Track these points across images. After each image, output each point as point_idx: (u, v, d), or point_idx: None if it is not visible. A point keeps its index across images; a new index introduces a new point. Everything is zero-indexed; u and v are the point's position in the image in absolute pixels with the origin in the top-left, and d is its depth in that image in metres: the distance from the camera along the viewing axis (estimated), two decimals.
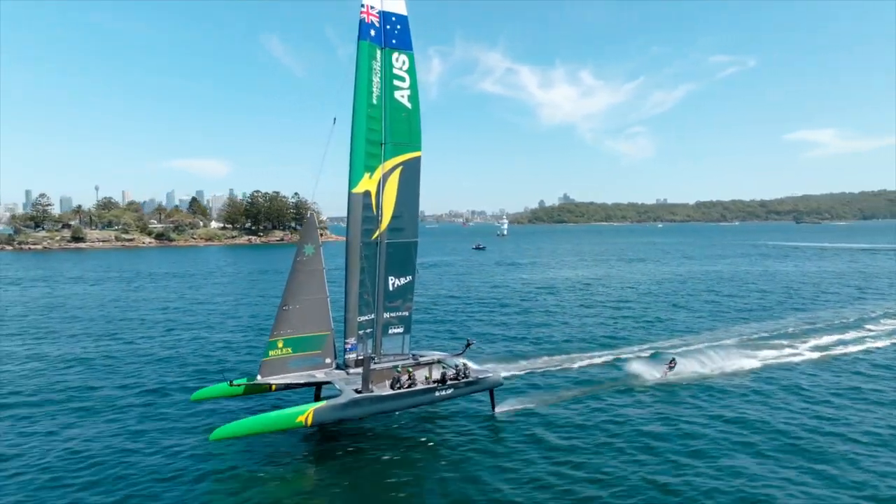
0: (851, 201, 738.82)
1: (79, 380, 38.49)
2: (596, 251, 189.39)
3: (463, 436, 29.05)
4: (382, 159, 30.19)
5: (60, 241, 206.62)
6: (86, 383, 37.65)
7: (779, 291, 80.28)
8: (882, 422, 30.09)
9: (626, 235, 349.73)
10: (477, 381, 30.48)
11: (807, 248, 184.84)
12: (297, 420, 26.06)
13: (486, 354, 43.00)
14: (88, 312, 67.02)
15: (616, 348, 46.21)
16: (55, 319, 62.23)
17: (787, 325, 55.20)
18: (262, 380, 28.38)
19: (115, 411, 32.31)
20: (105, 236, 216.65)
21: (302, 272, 28.99)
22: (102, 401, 34.02)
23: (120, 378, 38.88)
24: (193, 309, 69.41)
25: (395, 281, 31.28)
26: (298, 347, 29.12)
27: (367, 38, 29.35)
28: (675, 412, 31.69)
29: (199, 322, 60.38)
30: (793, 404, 32.83)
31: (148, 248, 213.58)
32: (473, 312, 65.17)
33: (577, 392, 34.87)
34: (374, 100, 29.63)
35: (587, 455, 26.86)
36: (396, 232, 30.93)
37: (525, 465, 26.08)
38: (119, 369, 41.19)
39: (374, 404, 27.71)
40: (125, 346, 48.91)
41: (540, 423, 30.45)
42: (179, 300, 77.29)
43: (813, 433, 28.75)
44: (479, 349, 43.59)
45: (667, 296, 77.99)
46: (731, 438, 28.33)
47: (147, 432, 29.10)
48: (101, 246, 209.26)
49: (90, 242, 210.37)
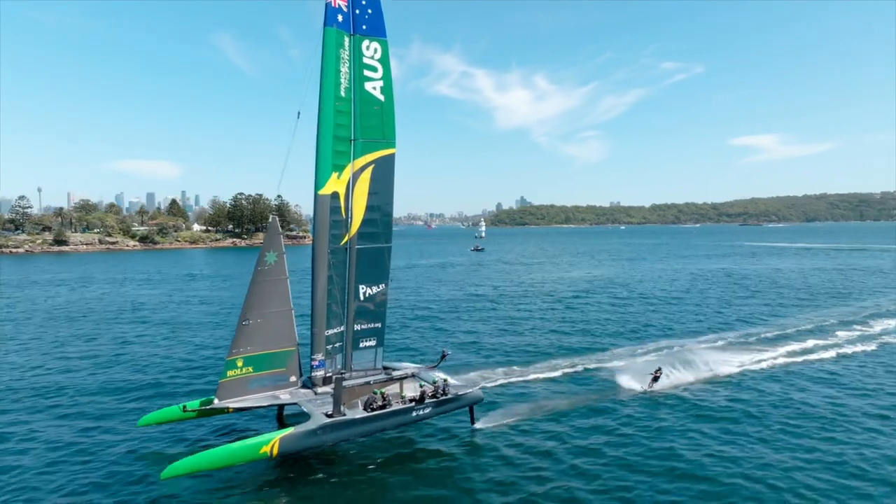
0: (795, 204, 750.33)
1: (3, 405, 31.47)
2: (580, 252, 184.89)
3: (440, 453, 25.06)
4: (352, 157, 25.81)
5: (42, 244, 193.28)
6: (11, 408, 30.93)
7: (768, 292, 77.63)
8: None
9: (596, 237, 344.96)
10: (457, 397, 26.28)
11: (789, 248, 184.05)
12: (262, 451, 21.69)
13: (465, 364, 38.89)
14: (27, 324, 57.73)
15: (601, 354, 42.23)
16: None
17: (775, 327, 51.77)
18: (220, 404, 23.77)
19: (42, 441, 26.28)
20: (88, 239, 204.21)
21: (263, 282, 24.46)
22: (26, 431, 27.51)
23: (52, 400, 32.25)
24: (151, 318, 60.51)
25: (366, 290, 26.85)
26: (260, 366, 24.57)
27: (334, 24, 24.91)
28: (660, 426, 27.96)
29: (155, 335, 51.65)
30: (774, 414, 29.35)
31: (132, 251, 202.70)
32: (459, 315, 60.86)
33: (560, 404, 30.80)
34: (342, 92, 25.21)
35: (570, 473, 23.36)
36: (368, 236, 26.54)
37: (506, 483, 22.57)
38: (53, 390, 34.07)
39: (347, 429, 23.37)
40: (63, 362, 41.32)
41: (521, 438, 26.61)
42: (138, 309, 67.44)
43: (799, 441, 25.31)
44: (456, 358, 39.28)
45: (664, 297, 74.41)
46: (717, 450, 24.85)
47: (86, 462, 24.05)
48: (84, 249, 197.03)
49: (73, 246, 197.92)
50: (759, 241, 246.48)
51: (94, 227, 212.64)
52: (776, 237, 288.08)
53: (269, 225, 25.14)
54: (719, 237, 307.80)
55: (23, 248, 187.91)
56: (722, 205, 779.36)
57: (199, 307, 68.43)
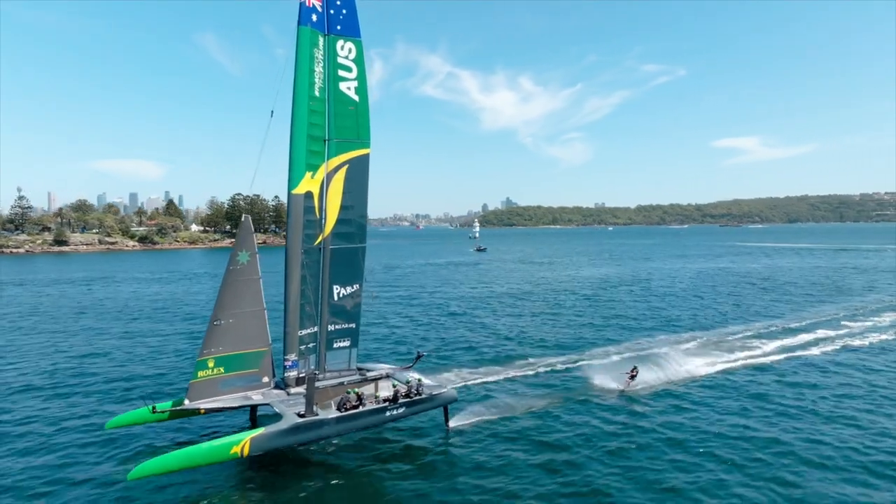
0: (778, 206, 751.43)
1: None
2: (579, 252, 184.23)
3: (414, 453, 24.22)
4: (326, 157, 24.98)
5: (42, 244, 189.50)
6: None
7: (777, 290, 77.18)
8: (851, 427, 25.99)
9: (587, 238, 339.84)
10: (431, 397, 25.46)
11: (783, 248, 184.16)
12: (232, 452, 20.76)
13: (440, 363, 37.94)
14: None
15: (578, 353, 41.31)
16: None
17: (753, 326, 50.89)
18: (191, 404, 22.89)
19: (6, 443, 25.20)
20: (88, 239, 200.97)
21: (235, 282, 23.59)
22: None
23: (18, 401, 30.82)
24: (124, 317, 58.46)
25: (340, 290, 26.00)
26: (232, 366, 23.68)
27: (308, 24, 24.08)
28: (636, 425, 27.20)
29: (127, 333, 49.70)
30: (753, 411, 28.73)
31: (132, 251, 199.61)
32: (456, 315, 60.03)
33: (535, 404, 29.96)
34: (315, 91, 24.38)
35: (545, 472, 22.54)
36: (342, 237, 25.70)
37: (480, 483, 21.72)
38: (19, 392, 32.68)
39: (318, 429, 22.48)
40: (30, 364, 39.47)
41: (495, 438, 25.80)
42: (114, 308, 64.87)
43: (778, 438, 24.60)
44: (431, 360, 38.47)
45: (687, 294, 73.78)
46: (692, 451, 24.04)
47: (50, 467, 22.86)
48: (85, 249, 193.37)
49: (74, 246, 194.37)
50: (752, 241, 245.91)
51: (91, 228, 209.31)
52: (764, 238, 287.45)
53: (242, 224, 24.25)
54: (709, 237, 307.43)
55: (23, 249, 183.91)
56: (706, 206, 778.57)
57: (196, 306, 67.31)
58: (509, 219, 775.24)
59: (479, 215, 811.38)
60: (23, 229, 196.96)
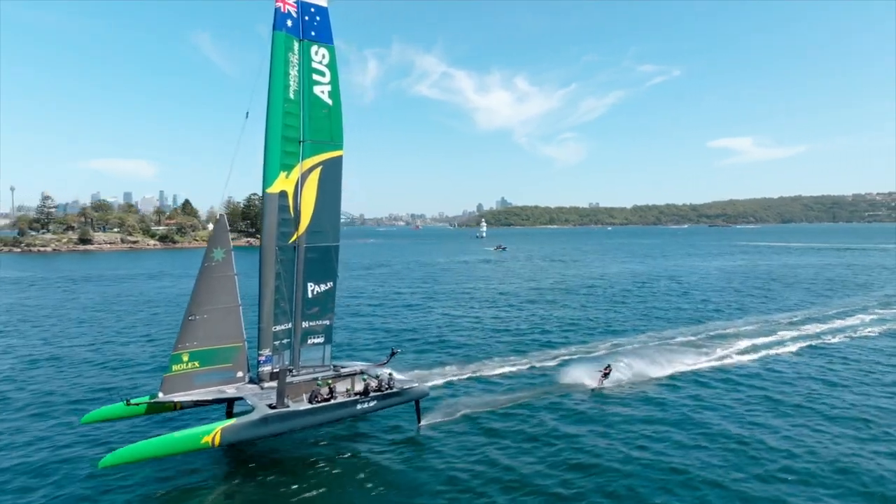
0: (772, 206, 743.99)
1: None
2: (592, 250, 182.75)
3: (386, 451, 23.77)
4: (300, 158, 24.64)
5: (68, 242, 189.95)
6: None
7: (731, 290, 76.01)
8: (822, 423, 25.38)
9: (588, 238, 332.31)
10: (401, 392, 25.06)
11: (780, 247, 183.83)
12: (203, 441, 20.38)
13: (415, 362, 37.06)
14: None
15: (553, 351, 40.50)
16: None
17: (736, 323, 49.92)
18: (164, 397, 22.58)
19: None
20: (111, 238, 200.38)
21: (210, 278, 23.29)
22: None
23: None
24: (107, 316, 56.51)
25: (314, 288, 25.63)
26: (206, 361, 23.37)
27: (283, 29, 23.80)
28: (611, 424, 26.61)
29: (106, 329, 48.89)
30: (726, 411, 28.05)
31: (153, 249, 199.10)
32: (427, 314, 59.58)
33: (508, 401, 29.29)
34: (290, 94, 24.07)
35: (516, 470, 21.92)
36: (316, 235, 25.34)
37: (450, 480, 21.18)
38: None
39: (289, 420, 22.14)
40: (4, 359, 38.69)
41: (466, 435, 25.27)
42: (98, 307, 62.80)
43: (751, 435, 24.00)
44: (405, 358, 37.86)
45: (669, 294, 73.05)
46: (667, 450, 23.44)
47: (27, 463, 22.45)
48: (108, 248, 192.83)
49: (98, 245, 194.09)
50: (743, 240, 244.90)
51: (112, 227, 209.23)
52: (755, 237, 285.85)
53: (217, 222, 23.99)
54: (707, 237, 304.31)
55: (50, 247, 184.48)
56: (701, 206, 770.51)
57: None
58: (507, 219, 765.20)
59: (475, 215, 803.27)
60: (48, 228, 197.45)
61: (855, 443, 23.91)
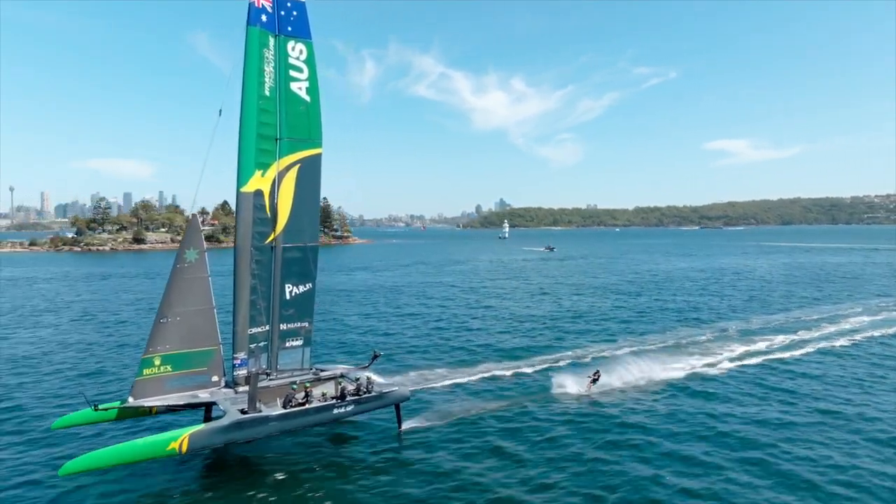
0: (772, 208, 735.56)
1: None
2: (627, 251, 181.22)
3: (364, 456, 22.56)
4: (277, 156, 23.51)
5: (123, 242, 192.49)
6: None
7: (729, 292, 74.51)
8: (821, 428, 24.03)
9: (603, 238, 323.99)
10: (380, 395, 23.88)
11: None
12: (170, 447, 19.27)
13: (400, 366, 35.59)
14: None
15: (544, 356, 38.69)
16: None
17: (734, 325, 48.56)
18: (135, 402, 21.45)
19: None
20: (162, 238, 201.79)
21: (182, 280, 22.20)
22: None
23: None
24: (91, 318, 54.55)
25: (292, 289, 24.51)
26: (179, 365, 22.24)
27: (258, 24, 22.72)
28: (596, 429, 25.25)
29: (86, 332, 47.08)
30: (717, 415, 26.68)
31: None
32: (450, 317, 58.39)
33: (492, 407, 27.90)
34: (265, 91, 22.98)
35: (497, 477, 20.69)
36: (294, 235, 24.22)
37: (429, 487, 19.99)
38: None
39: (262, 426, 21.02)
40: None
41: (448, 442, 23.94)
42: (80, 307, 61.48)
43: (744, 442, 22.69)
44: (391, 361, 36.75)
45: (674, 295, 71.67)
46: (656, 457, 22.18)
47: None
48: (160, 247, 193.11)
49: (150, 244, 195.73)
50: (775, 242, 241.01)
51: (157, 227, 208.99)
52: (778, 238, 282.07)
53: (190, 223, 22.97)
54: (724, 238, 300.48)
55: (107, 246, 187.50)
56: (702, 207, 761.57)
57: None
58: (510, 220, 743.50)
59: (481, 216, 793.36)
60: (103, 228, 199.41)
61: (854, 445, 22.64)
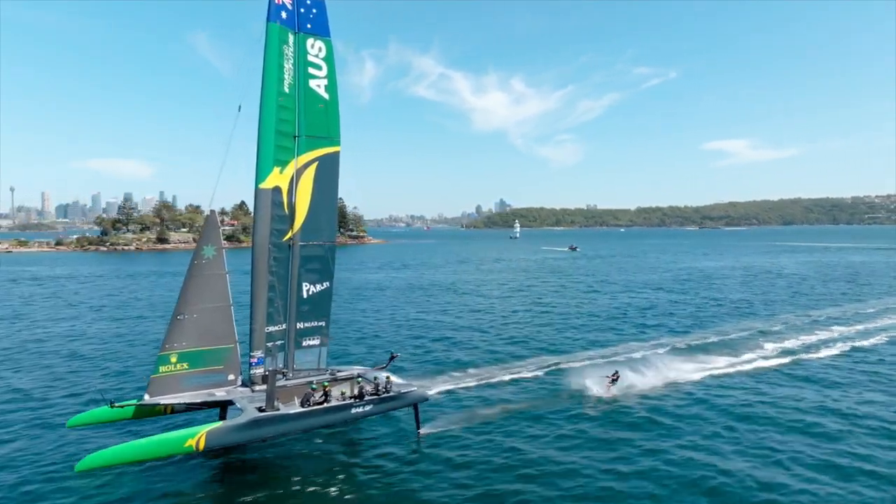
0: (773, 208, 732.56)
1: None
2: (645, 250, 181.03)
3: (383, 459, 22.22)
4: (296, 153, 23.23)
5: (147, 242, 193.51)
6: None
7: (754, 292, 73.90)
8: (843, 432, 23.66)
9: (608, 238, 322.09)
10: (399, 396, 23.55)
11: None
12: (186, 444, 19.01)
13: (418, 367, 35.29)
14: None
15: (560, 356, 38.09)
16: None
17: (744, 326, 47.47)
18: (150, 400, 21.22)
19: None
20: (185, 238, 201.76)
21: (200, 277, 21.93)
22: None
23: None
24: (110, 315, 54.66)
25: (310, 288, 24.21)
26: (196, 363, 21.98)
27: (278, 21, 22.40)
28: (616, 431, 24.81)
29: (105, 330, 46.75)
30: (743, 419, 26.29)
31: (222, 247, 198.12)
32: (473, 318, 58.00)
33: (511, 409, 27.43)
34: (285, 88, 22.66)
35: (519, 480, 20.34)
36: (312, 234, 23.92)
37: (449, 488, 19.70)
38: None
39: (279, 424, 20.72)
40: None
41: (468, 444, 23.56)
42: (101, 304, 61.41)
43: (772, 445, 22.28)
44: (406, 362, 36.33)
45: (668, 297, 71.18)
46: (674, 454, 21.87)
47: (11, 467, 21.19)
48: (184, 247, 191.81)
49: (174, 244, 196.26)
50: (785, 241, 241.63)
51: (179, 227, 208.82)
52: (789, 238, 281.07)
53: (207, 219, 22.65)
54: (739, 239, 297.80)
55: (132, 246, 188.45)
56: (703, 208, 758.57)
57: None
58: (514, 220, 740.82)
59: (485, 216, 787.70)
60: (128, 228, 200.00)
61: None
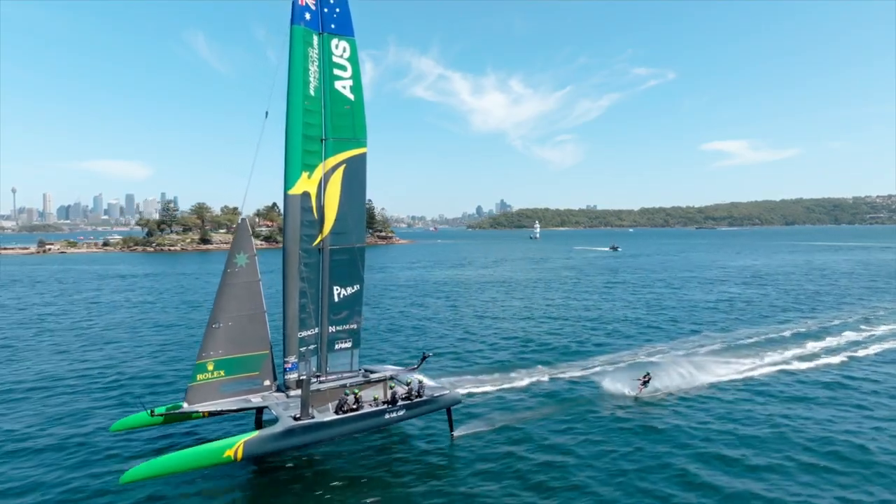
0: (775, 208, 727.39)
1: None
2: (672, 248, 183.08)
3: (416, 463, 21.60)
4: (323, 157, 22.77)
5: (191, 242, 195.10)
6: None
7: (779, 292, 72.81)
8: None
9: (619, 238, 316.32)
10: (432, 399, 22.89)
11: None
12: (225, 455, 18.52)
13: (448, 369, 34.50)
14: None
15: (590, 359, 36.91)
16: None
17: (778, 328, 45.88)
18: (189, 407, 20.76)
19: (20, 442, 23.35)
20: (226, 238, 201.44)
21: (233, 285, 21.45)
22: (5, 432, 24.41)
23: (33, 404, 28.37)
24: (153, 319, 54.15)
25: (341, 291, 23.71)
26: (232, 370, 21.49)
27: (301, 22, 21.99)
28: (649, 434, 24.02)
29: (146, 335, 46.32)
30: (779, 420, 25.48)
31: (261, 248, 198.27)
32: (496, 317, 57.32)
33: (544, 412, 26.71)
34: (311, 91, 22.23)
35: (555, 485, 19.67)
36: (341, 237, 23.43)
37: (484, 493, 19.03)
38: (34, 392, 30.31)
39: (314, 432, 20.17)
40: (41, 364, 36.47)
41: (503, 447, 22.85)
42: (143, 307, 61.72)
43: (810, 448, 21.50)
44: (437, 363, 35.56)
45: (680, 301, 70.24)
46: (713, 456, 21.21)
47: (61, 466, 20.97)
48: (225, 247, 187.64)
49: (216, 244, 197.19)
50: (800, 241, 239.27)
51: (216, 228, 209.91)
52: (800, 238, 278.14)
53: (239, 226, 22.19)
54: (747, 238, 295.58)
55: (178, 247, 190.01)
56: (706, 208, 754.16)
57: None
58: (519, 221, 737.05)
59: (490, 217, 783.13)
60: (171, 229, 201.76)
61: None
